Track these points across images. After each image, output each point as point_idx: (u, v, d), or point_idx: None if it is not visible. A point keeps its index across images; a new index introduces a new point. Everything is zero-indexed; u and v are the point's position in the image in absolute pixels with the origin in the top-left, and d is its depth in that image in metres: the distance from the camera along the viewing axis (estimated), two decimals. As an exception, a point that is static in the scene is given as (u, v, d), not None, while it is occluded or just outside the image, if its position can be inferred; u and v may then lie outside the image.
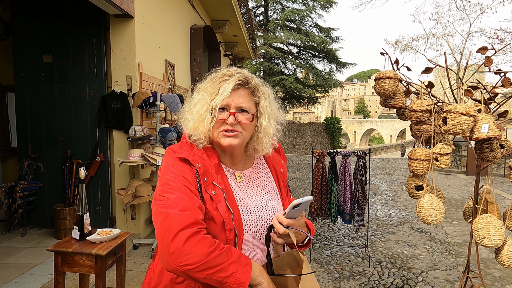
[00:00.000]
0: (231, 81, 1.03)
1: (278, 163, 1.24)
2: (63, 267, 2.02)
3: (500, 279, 3.44)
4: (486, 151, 1.77)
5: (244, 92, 1.05)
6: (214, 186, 1.03)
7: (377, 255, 4.08)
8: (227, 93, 1.01)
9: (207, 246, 0.90)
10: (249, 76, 1.07)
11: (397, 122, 58.43)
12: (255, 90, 1.08)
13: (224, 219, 1.00)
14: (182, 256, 0.88)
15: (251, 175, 1.15)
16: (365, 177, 3.76)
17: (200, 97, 1.06)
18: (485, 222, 1.71)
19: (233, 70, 1.08)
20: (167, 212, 0.92)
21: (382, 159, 17.33)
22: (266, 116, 1.09)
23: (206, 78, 1.10)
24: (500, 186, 9.00)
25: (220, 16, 7.54)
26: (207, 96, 1.04)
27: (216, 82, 1.05)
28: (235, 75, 1.05)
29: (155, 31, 4.65)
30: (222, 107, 1.03)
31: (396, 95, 2.04)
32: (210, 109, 1.03)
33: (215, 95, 1.03)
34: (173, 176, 1.00)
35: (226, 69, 1.08)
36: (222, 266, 0.90)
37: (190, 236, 0.89)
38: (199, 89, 1.09)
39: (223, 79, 1.04)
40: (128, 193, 3.86)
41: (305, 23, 23.45)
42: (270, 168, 1.22)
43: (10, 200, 4.06)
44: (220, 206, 1.01)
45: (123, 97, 4.03)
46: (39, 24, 4.17)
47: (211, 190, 1.02)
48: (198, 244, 0.90)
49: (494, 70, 1.72)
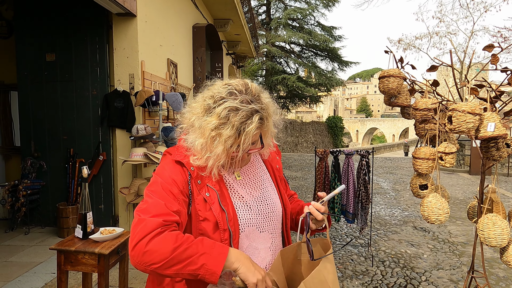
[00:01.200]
0: (252, 128, 0.97)
1: (274, 159, 1.27)
2: (66, 265, 2.02)
3: (505, 279, 3.42)
4: (491, 150, 1.75)
5: (258, 129, 1.02)
6: (208, 188, 1.05)
7: (380, 254, 4.07)
8: (249, 142, 0.99)
9: (172, 243, 0.89)
10: (265, 111, 1.01)
11: (399, 121, 58.28)
12: (266, 122, 1.04)
13: (217, 219, 1.02)
14: (147, 256, 0.88)
15: (249, 171, 1.18)
16: (368, 176, 3.74)
17: (217, 140, 0.99)
18: (491, 221, 1.69)
19: (245, 101, 0.99)
20: (139, 218, 0.93)
21: (385, 158, 17.28)
22: (268, 135, 1.10)
23: (215, 108, 0.99)
24: (504, 186, 8.95)
25: (222, 15, 7.52)
26: (223, 141, 0.98)
27: (232, 123, 0.96)
28: (254, 119, 0.97)
29: (158, 29, 4.65)
30: None
31: (400, 94, 2.02)
32: (228, 153, 1.01)
33: (233, 139, 0.97)
34: (160, 179, 1.02)
35: (237, 99, 0.98)
36: (191, 259, 0.89)
37: (153, 237, 0.89)
38: (212, 128, 0.99)
39: (241, 120, 0.97)
40: (131, 192, 3.86)
41: (307, 21, 23.40)
42: (266, 165, 1.25)
43: (13, 199, 4.07)
44: (214, 207, 1.03)
45: (126, 96, 4.03)
46: (42, 23, 4.17)
47: (204, 192, 1.04)
48: (162, 242, 0.89)
49: (499, 68, 1.70)
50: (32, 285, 2.90)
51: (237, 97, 0.99)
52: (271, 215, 1.14)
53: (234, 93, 1.00)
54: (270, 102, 1.08)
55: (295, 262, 1.13)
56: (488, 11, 16.63)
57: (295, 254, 1.13)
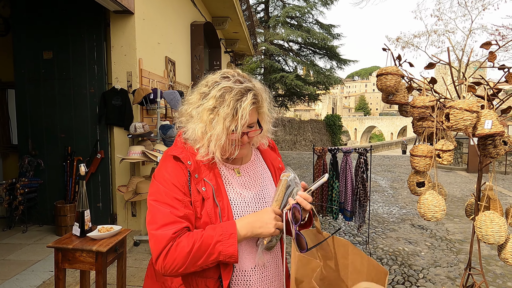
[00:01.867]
0: (247, 104, 1.00)
1: (275, 159, 1.28)
2: (63, 263, 2.02)
3: (501, 276, 3.44)
4: (489, 148, 1.75)
5: (254, 108, 1.05)
6: (204, 182, 1.05)
7: (378, 252, 4.08)
8: (247, 119, 1.01)
9: (185, 247, 0.95)
10: (257, 91, 1.05)
11: (397, 119, 58.35)
12: (261, 103, 1.08)
13: (210, 215, 1.03)
14: (168, 267, 0.96)
15: (250, 169, 1.18)
16: (366, 174, 3.75)
17: (214, 120, 1.01)
18: (488, 219, 1.69)
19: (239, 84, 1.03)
20: (149, 233, 1.00)
21: (383, 156, 17.31)
22: (266, 120, 1.13)
23: (210, 92, 1.03)
24: (501, 184, 8.98)
25: (220, 13, 7.50)
26: (221, 120, 1.00)
27: (230, 104, 1.00)
28: (248, 95, 1.01)
29: (156, 27, 4.63)
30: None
31: (398, 91, 2.02)
32: (227, 133, 1.02)
33: (231, 117, 1.00)
34: (162, 187, 1.04)
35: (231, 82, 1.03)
36: (208, 252, 0.96)
37: (167, 251, 0.96)
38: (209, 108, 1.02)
39: (236, 98, 1.00)
40: (129, 190, 3.86)
41: (306, 19, 23.35)
42: (267, 163, 1.25)
43: (11, 197, 4.06)
44: (208, 202, 1.03)
45: (124, 94, 4.02)
46: (39, 21, 4.15)
47: (201, 186, 1.04)
48: (176, 251, 0.95)
49: (497, 66, 1.70)
50: (30, 283, 2.89)
51: (229, 79, 1.04)
52: None
53: (227, 76, 1.05)
54: (262, 87, 1.11)
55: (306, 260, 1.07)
56: (486, 9, 16.63)
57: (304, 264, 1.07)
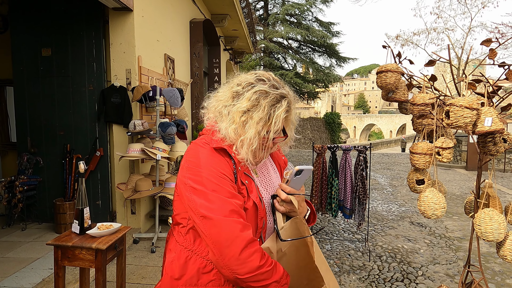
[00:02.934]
0: (282, 111, 1.00)
1: (280, 158, 1.29)
2: (63, 261, 2.02)
3: (500, 273, 3.45)
4: (489, 145, 1.75)
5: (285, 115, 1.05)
6: (245, 176, 1.05)
7: (377, 249, 4.09)
8: (280, 126, 1.01)
9: (259, 260, 0.94)
10: (291, 98, 1.04)
11: (397, 117, 58.37)
12: (291, 111, 1.07)
13: (258, 208, 1.02)
14: (237, 264, 0.92)
15: (263, 170, 1.18)
16: (365, 171, 3.75)
17: (248, 123, 1.00)
18: (487, 216, 1.69)
19: (273, 85, 1.02)
20: (217, 218, 0.93)
21: (382, 154, 17.33)
22: (291, 128, 1.11)
23: (244, 93, 1.01)
24: (500, 181, 9.00)
25: (220, 10, 7.48)
26: (254, 124, 0.99)
27: (263, 106, 0.99)
28: (283, 103, 1.01)
29: (155, 24, 4.61)
30: None
31: (398, 89, 2.02)
32: (260, 137, 1.01)
33: (264, 122, 0.99)
34: (210, 174, 0.98)
35: (265, 84, 1.01)
36: (265, 282, 0.95)
37: (246, 245, 0.92)
38: (242, 111, 1.00)
39: (271, 103, 1.00)
40: (128, 188, 3.85)
41: (305, 17, 23.32)
42: (275, 163, 1.26)
43: (10, 195, 4.05)
44: (253, 195, 1.02)
45: (123, 91, 4.01)
46: (37, 17, 4.13)
47: (244, 179, 1.04)
48: (252, 256, 0.93)
49: (497, 63, 1.70)
50: (30, 281, 2.89)
51: (265, 83, 1.02)
52: None
53: (262, 79, 1.03)
54: (294, 95, 1.10)
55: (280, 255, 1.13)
56: (485, 7, 16.65)
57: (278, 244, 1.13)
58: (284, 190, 1.06)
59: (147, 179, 3.85)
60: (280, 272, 0.99)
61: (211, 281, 1.01)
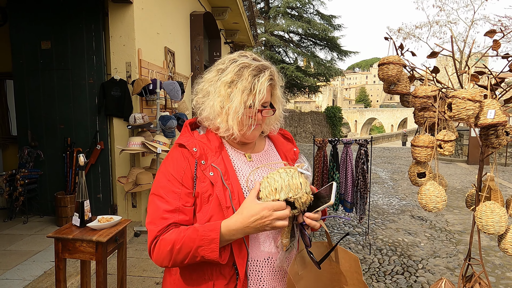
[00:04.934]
0: (265, 80, 1.02)
1: (290, 150, 1.25)
2: (64, 253, 2.02)
3: (500, 267, 3.46)
4: (491, 138, 1.74)
5: (269, 87, 1.07)
6: (212, 167, 1.04)
7: (378, 243, 4.10)
8: (264, 94, 1.02)
9: (166, 245, 0.97)
10: (273, 70, 1.08)
11: (398, 111, 58.22)
12: (275, 84, 1.10)
13: (219, 198, 1.01)
14: (157, 261, 1.00)
15: (262, 158, 1.18)
16: (366, 165, 3.74)
17: (232, 94, 1.03)
18: (488, 209, 1.69)
19: (257, 61, 1.06)
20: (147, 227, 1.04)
21: (383, 148, 17.30)
22: (279, 105, 1.14)
23: (227, 65, 1.06)
24: (502, 175, 9.00)
25: (220, 3, 7.41)
26: (239, 93, 1.02)
27: (247, 78, 1.02)
28: (265, 72, 1.04)
29: (155, 17, 4.58)
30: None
31: (400, 81, 2.00)
32: (245, 107, 1.03)
33: (249, 92, 1.02)
34: (162, 177, 1.06)
35: (248, 59, 1.06)
36: (190, 255, 0.96)
37: (153, 248, 0.99)
38: (227, 82, 1.04)
39: (253, 73, 1.02)
40: (129, 181, 3.86)
41: (306, 10, 23.14)
42: (280, 154, 1.23)
43: (11, 188, 4.06)
44: (217, 186, 1.02)
45: (123, 85, 3.99)
46: (37, 10, 4.10)
47: (209, 171, 1.03)
48: (160, 249, 0.98)
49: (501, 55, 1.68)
50: (31, 273, 2.91)
51: (247, 57, 1.07)
52: None
53: (245, 55, 1.08)
54: (276, 70, 1.12)
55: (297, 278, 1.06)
56: (488, 0, 16.47)
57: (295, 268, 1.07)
58: (316, 219, 1.01)
59: (148, 173, 3.85)
60: (198, 234, 0.95)
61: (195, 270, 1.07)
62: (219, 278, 1.02)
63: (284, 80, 1.20)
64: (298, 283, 1.05)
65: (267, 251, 1.06)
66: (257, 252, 1.05)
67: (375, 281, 3.17)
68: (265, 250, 1.06)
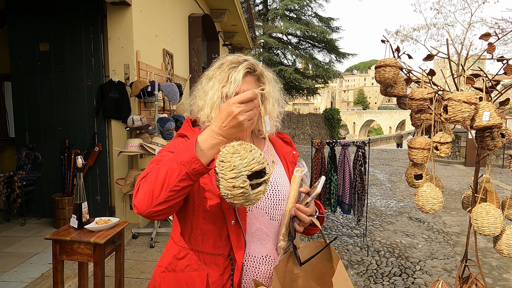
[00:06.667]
0: (240, 69, 1.05)
1: (289, 153, 1.26)
2: (61, 255, 2.02)
3: (497, 268, 3.47)
4: (486, 140, 1.75)
5: (251, 79, 1.09)
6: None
7: (376, 244, 4.11)
8: (239, 81, 1.04)
9: (145, 182, 0.90)
10: (254, 63, 1.11)
11: (396, 113, 58.35)
12: (260, 76, 1.12)
13: (214, 186, 1.01)
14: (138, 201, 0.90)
15: None
16: (364, 167, 3.76)
17: (211, 85, 1.08)
18: (484, 210, 1.70)
19: (238, 57, 1.10)
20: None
21: (381, 150, 17.35)
22: (270, 101, 1.15)
23: (213, 65, 1.13)
24: (499, 177, 9.03)
25: (218, 5, 7.43)
26: (217, 83, 1.06)
27: (225, 70, 1.07)
28: (243, 63, 1.07)
29: (153, 19, 4.59)
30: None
31: (396, 84, 2.01)
32: (222, 97, 1.05)
33: (225, 82, 1.05)
34: (165, 152, 1.04)
35: (232, 56, 1.11)
36: (170, 171, 0.86)
37: (136, 191, 0.93)
38: (208, 76, 1.11)
39: (231, 66, 1.07)
40: (127, 183, 3.86)
41: (305, 12, 23.19)
42: (280, 156, 1.24)
43: (8, 190, 4.05)
44: (213, 176, 0.99)
45: (121, 86, 3.99)
46: (35, 12, 4.10)
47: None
48: (142, 188, 0.90)
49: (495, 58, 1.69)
50: (29, 276, 2.90)
51: (234, 56, 1.11)
52: (281, 203, 1.13)
53: (235, 55, 1.13)
54: (271, 74, 1.16)
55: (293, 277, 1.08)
56: (486, 2, 16.58)
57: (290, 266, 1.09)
58: (306, 213, 1.06)
59: (146, 175, 3.85)
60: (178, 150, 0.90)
61: (187, 266, 1.06)
62: (212, 268, 1.04)
63: (281, 81, 1.21)
64: (295, 282, 1.08)
65: (266, 249, 1.09)
66: (255, 248, 1.07)
67: (373, 282, 3.18)
68: (264, 248, 1.09)
